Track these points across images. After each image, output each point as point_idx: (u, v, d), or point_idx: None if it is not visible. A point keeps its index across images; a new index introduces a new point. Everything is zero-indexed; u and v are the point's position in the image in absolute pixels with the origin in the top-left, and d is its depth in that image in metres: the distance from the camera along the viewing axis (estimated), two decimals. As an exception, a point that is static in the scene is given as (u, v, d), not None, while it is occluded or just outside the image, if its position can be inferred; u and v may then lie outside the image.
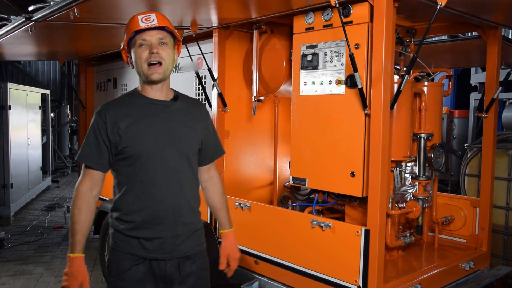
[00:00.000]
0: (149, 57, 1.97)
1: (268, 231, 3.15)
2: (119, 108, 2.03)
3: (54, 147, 11.72)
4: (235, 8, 3.15)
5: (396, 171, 3.13)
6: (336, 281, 2.71)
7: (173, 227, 2.04)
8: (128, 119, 1.99)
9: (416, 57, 2.56)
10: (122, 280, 2.02)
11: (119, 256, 2.04)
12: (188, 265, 2.10)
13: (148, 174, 1.99)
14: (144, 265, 2.03)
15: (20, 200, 7.51)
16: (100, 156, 1.99)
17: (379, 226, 2.51)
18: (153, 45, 1.97)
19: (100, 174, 2.02)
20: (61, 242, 5.88)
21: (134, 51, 2.00)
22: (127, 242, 2.03)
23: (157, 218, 2.01)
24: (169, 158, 2.03)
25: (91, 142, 2.00)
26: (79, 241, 1.96)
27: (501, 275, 3.40)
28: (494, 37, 3.36)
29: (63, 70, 6.95)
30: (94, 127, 2.00)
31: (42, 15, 3.31)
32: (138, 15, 2.01)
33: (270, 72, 3.59)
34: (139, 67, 2.00)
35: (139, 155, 1.98)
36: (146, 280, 2.03)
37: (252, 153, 3.95)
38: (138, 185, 2.00)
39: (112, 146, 1.99)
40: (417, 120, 3.28)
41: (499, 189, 4.48)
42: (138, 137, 1.98)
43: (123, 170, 2.02)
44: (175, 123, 2.07)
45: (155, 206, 2.01)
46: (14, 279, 4.58)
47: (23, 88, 8.28)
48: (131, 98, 2.08)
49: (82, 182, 2.01)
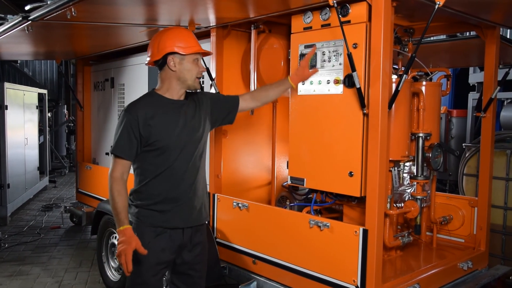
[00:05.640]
0: (199, 73, 2.51)
1: (266, 231, 3.14)
2: (147, 107, 2.42)
3: (51, 147, 11.70)
4: (233, 7, 3.14)
5: (394, 171, 3.13)
6: (334, 281, 2.71)
7: (191, 201, 2.51)
8: (155, 116, 2.40)
9: (414, 56, 2.55)
10: (148, 249, 2.37)
11: (144, 229, 2.45)
12: (198, 236, 2.58)
13: (172, 162, 2.44)
14: (164, 236, 2.46)
15: (17, 200, 7.48)
16: (131, 148, 2.39)
17: (377, 226, 2.51)
18: (201, 65, 2.54)
19: (130, 163, 2.43)
20: (58, 243, 5.86)
21: (186, 63, 2.45)
22: (151, 216, 2.45)
23: (179, 196, 2.47)
24: (188, 148, 2.49)
25: (124, 137, 2.38)
26: (125, 216, 2.36)
27: (499, 275, 3.39)
28: (492, 36, 3.36)
29: (60, 70, 6.98)
30: (126, 124, 2.37)
31: (39, 15, 3.29)
32: (193, 33, 2.54)
33: (268, 71, 3.58)
34: (190, 77, 2.47)
35: (166, 146, 2.42)
36: (166, 249, 2.47)
37: (250, 153, 3.94)
38: (164, 170, 2.44)
39: (142, 139, 2.39)
40: (415, 119, 3.28)
41: (497, 188, 4.48)
42: (165, 131, 2.41)
43: (151, 159, 2.44)
44: (190, 117, 2.52)
45: (178, 186, 2.47)
46: (11, 280, 4.56)
47: (20, 87, 8.25)
48: (154, 99, 2.48)
49: (115, 170, 2.39)
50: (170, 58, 2.43)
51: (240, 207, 3.30)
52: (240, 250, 3.35)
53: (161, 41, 2.44)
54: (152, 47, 2.50)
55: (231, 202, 3.38)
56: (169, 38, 2.44)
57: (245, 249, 3.30)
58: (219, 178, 3.65)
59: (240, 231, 3.38)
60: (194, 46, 2.46)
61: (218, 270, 3.37)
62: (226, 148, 3.72)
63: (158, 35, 2.52)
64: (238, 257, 3.36)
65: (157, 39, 2.48)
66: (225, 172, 3.71)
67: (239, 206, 3.32)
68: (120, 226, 2.34)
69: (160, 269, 2.49)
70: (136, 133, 2.37)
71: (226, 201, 3.47)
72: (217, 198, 3.54)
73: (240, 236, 3.38)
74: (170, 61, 2.43)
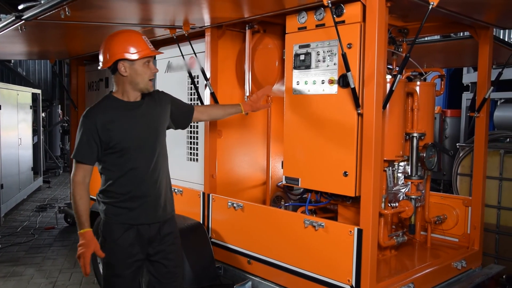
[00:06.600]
0: (151, 75, 2.53)
1: (261, 231, 3.14)
2: (105, 111, 2.48)
3: (45, 147, 11.64)
4: (228, 7, 3.14)
5: (389, 171, 3.13)
6: (329, 280, 2.71)
7: (156, 199, 2.59)
8: (114, 120, 2.46)
9: (409, 56, 2.56)
10: (117, 245, 2.50)
11: (112, 226, 2.53)
12: (166, 227, 2.65)
13: (135, 162, 2.51)
14: (132, 230, 2.53)
15: (11, 201, 7.44)
16: (91, 153, 2.45)
17: (371, 225, 2.51)
18: (152, 67, 2.54)
19: (91, 166, 2.50)
20: (52, 243, 5.84)
21: (137, 67, 2.46)
22: (118, 214, 2.53)
23: (144, 193, 2.54)
24: (149, 146, 2.56)
25: (83, 142, 2.44)
26: (86, 219, 2.43)
27: (493, 274, 3.42)
28: (486, 37, 3.38)
29: (55, 70, 6.92)
30: (86, 130, 2.44)
31: (32, 14, 3.27)
32: (142, 36, 2.51)
33: (263, 71, 3.58)
34: (142, 80, 2.49)
35: (127, 147, 2.48)
36: (135, 243, 2.54)
37: (244, 153, 3.94)
38: (128, 170, 2.50)
39: (102, 143, 2.44)
40: (410, 119, 3.29)
41: (490, 188, 4.50)
42: (124, 134, 2.47)
43: (114, 160, 2.50)
44: (148, 116, 2.58)
45: (142, 184, 2.53)
46: (4, 281, 4.53)
47: (13, 87, 8.20)
48: (111, 102, 2.53)
49: (76, 174, 2.46)
50: (121, 64, 2.45)
51: (235, 207, 3.30)
52: (235, 250, 3.35)
53: (110, 48, 2.46)
54: (102, 53, 2.50)
55: (226, 202, 3.38)
56: (118, 43, 2.45)
57: (240, 249, 3.30)
58: (214, 178, 3.64)
59: (235, 231, 3.38)
60: (143, 50, 2.46)
61: (213, 270, 3.37)
62: (220, 148, 3.72)
63: (107, 40, 2.50)
64: (233, 257, 3.36)
65: (107, 45, 2.48)
66: (219, 172, 3.71)
67: (234, 206, 3.31)
68: (80, 229, 2.42)
69: (132, 262, 2.54)
70: (96, 138, 2.43)
71: (221, 201, 3.47)
72: (212, 198, 3.54)
73: (235, 236, 3.38)
74: (120, 67, 2.45)
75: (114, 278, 2.55)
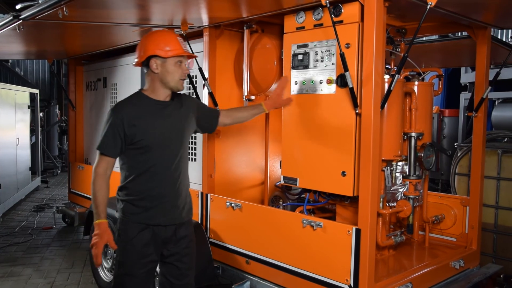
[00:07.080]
0: (182, 75, 2.56)
1: (259, 231, 3.15)
2: (133, 107, 2.52)
3: (43, 147, 11.61)
4: (226, 7, 3.14)
5: (387, 170, 3.14)
6: (327, 280, 2.71)
7: (173, 200, 2.59)
8: (140, 116, 2.49)
9: (407, 56, 2.57)
10: (132, 244, 2.52)
11: (128, 225, 2.55)
12: (182, 230, 2.64)
13: (156, 161, 2.52)
14: (148, 231, 2.54)
15: (9, 201, 7.42)
16: (115, 146, 2.48)
17: (370, 225, 2.52)
18: (184, 67, 2.56)
19: (114, 160, 2.54)
20: (50, 243, 5.82)
21: (168, 65, 2.50)
22: (135, 213, 2.54)
23: (162, 194, 2.55)
24: (172, 147, 2.56)
25: (109, 135, 2.48)
26: (102, 210, 2.47)
27: (491, 273, 3.43)
28: (484, 37, 3.39)
29: (52, 69, 6.91)
30: (112, 123, 2.47)
31: (30, 14, 3.27)
32: (177, 37, 2.56)
33: (261, 71, 3.58)
34: (172, 79, 2.52)
35: (150, 145, 2.50)
36: (149, 244, 2.54)
37: (243, 153, 3.94)
38: (148, 168, 2.52)
39: (127, 138, 2.47)
40: (408, 119, 3.30)
41: (488, 188, 4.51)
42: (149, 131, 2.49)
43: (135, 157, 2.52)
44: (174, 118, 2.59)
45: (161, 184, 2.54)
46: (2, 281, 4.52)
47: (11, 87, 8.18)
48: (140, 99, 2.56)
49: (99, 165, 2.50)
50: (153, 61, 2.51)
51: (233, 207, 3.30)
52: (233, 250, 3.35)
53: (145, 44, 2.54)
54: (138, 49, 2.59)
55: (224, 202, 3.37)
56: (152, 41, 2.52)
57: (238, 249, 3.30)
58: (212, 178, 3.64)
59: (233, 231, 3.38)
60: (176, 49, 2.51)
61: (211, 270, 3.37)
62: (219, 148, 3.72)
63: (144, 37, 2.60)
64: (231, 257, 3.36)
65: (143, 42, 2.57)
66: (218, 172, 3.71)
67: (232, 206, 3.31)
68: (97, 219, 2.46)
69: (146, 262, 2.55)
70: (121, 132, 2.47)
71: (219, 201, 3.47)
72: (210, 198, 3.54)
73: (233, 236, 3.38)
74: (152, 64, 2.51)
75: (126, 276, 2.55)
